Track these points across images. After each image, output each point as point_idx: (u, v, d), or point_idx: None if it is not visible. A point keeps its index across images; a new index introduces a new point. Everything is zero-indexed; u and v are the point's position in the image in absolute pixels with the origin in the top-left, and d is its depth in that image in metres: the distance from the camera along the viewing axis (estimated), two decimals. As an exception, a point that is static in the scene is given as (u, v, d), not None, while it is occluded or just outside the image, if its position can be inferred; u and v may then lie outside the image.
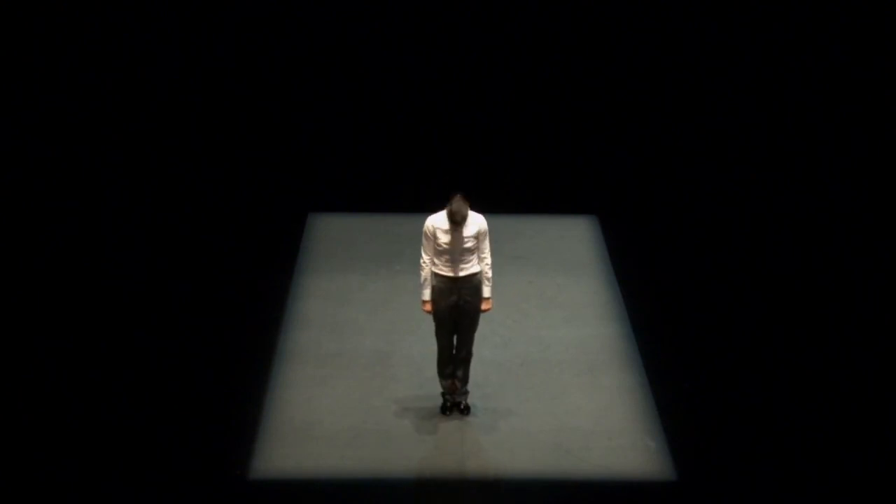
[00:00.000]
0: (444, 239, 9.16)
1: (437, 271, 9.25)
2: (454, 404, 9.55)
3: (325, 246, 12.30)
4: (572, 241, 12.45)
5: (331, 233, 12.59)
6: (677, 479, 8.83)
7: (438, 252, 9.20)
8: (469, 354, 9.50)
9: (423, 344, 10.32)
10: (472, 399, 9.56)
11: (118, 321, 10.69)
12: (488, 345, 10.15)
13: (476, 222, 9.21)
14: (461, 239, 9.14)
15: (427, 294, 9.28)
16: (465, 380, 9.53)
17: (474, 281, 9.26)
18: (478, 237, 9.20)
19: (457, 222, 9.10)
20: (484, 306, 9.35)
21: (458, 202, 9.07)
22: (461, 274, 9.20)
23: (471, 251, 9.20)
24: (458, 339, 9.44)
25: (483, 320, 9.56)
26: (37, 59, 14.28)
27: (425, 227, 9.24)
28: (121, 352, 10.21)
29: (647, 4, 14.86)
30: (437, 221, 9.21)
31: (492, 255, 9.27)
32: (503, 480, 8.81)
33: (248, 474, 8.80)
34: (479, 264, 9.25)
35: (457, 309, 9.29)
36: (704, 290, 11.45)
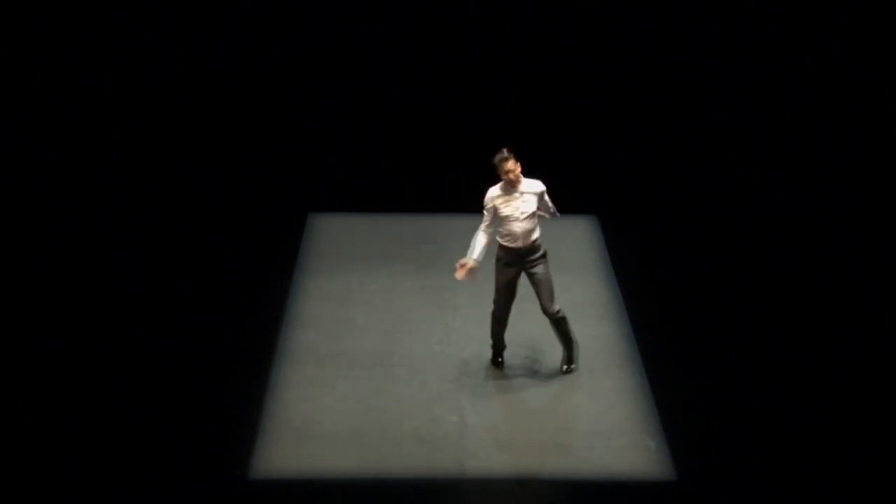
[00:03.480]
0: (504, 209, 9.47)
1: (501, 242, 9.58)
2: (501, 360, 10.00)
3: (325, 246, 12.30)
4: (572, 241, 12.45)
5: (331, 233, 12.59)
6: (677, 479, 8.83)
7: (500, 222, 9.50)
8: (557, 314, 9.71)
9: (423, 344, 10.33)
10: (473, 398, 9.58)
11: (118, 321, 10.70)
12: (489, 345, 10.14)
13: (532, 185, 9.54)
14: (521, 203, 9.46)
15: (472, 259, 9.43)
16: (567, 343, 9.85)
17: (536, 249, 9.56)
18: (539, 196, 9.52)
19: (510, 180, 9.39)
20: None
21: (503, 158, 9.39)
22: (523, 245, 9.52)
23: (531, 217, 9.49)
24: (540, 303, 9.73)
25: (484, 319, 9.63)
26: (37, 59, 14.28)
27: (485, 200, 9.48)
28: (121, 352, 10.21)
29: (647, 4, 14.86)
30: (494, 192, 9.52)
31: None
32: (503, 480, 8.81)
33: (248, 474, 8.80)
34: (548, 216, 9.69)
35: (521, 278, 9.63)
36: (704, 290, 11.46)
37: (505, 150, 9.44)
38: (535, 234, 9.61)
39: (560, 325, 9.83)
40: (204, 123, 14.39)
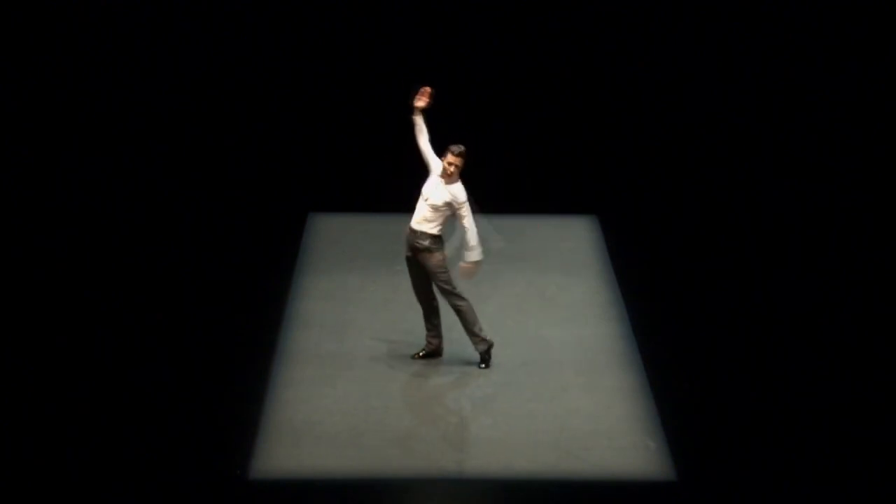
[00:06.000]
0: (425, 187, 9.80)
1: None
2: (428, 353, 10.13)
3: (325, 246, 12.30)
4: (572, 241, 12.46)
5: (331, 233, 12.59)
6: (677, 479, 8.83)
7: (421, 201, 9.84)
8: (455, 307, 9.90)
9: (423, 344, 10.31)
10: (473, 399, 9.58)
11: (118, 321, 10.69)
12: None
13: (455, 190, 9.72)
14: (433, 192, 9.73)
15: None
16: (469, 333, 9.93)
17: (423, 241, 9.76)
18: (450, 205, 9.69)
19: (446, 169, 9.71)
20: (464, 272, 9.81)
21: (459, 152, 9.75)
22: (413, 225, 9.81)
23: (433, 210, 9.72)
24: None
25: (484, 320, 9.65)
26: (36, 59, 14.28)
27: (442, 161, 9.80)
28: (121, 352, 10.21)
29: (647, 4, 14.86)
30: (434, 177, 9.82)
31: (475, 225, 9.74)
32: (503, 480, 8.81)
33: (248, 474, 8.80)
34: (461, 232, 9.78)
35: (412, 263, 9.93)
36: (704, 290, 11.46)
37: (462, 147, 9.81)
38: (428, 227, 9.78)
39: (459, 314, 9.98)
40: (204, 123, 14.39)
